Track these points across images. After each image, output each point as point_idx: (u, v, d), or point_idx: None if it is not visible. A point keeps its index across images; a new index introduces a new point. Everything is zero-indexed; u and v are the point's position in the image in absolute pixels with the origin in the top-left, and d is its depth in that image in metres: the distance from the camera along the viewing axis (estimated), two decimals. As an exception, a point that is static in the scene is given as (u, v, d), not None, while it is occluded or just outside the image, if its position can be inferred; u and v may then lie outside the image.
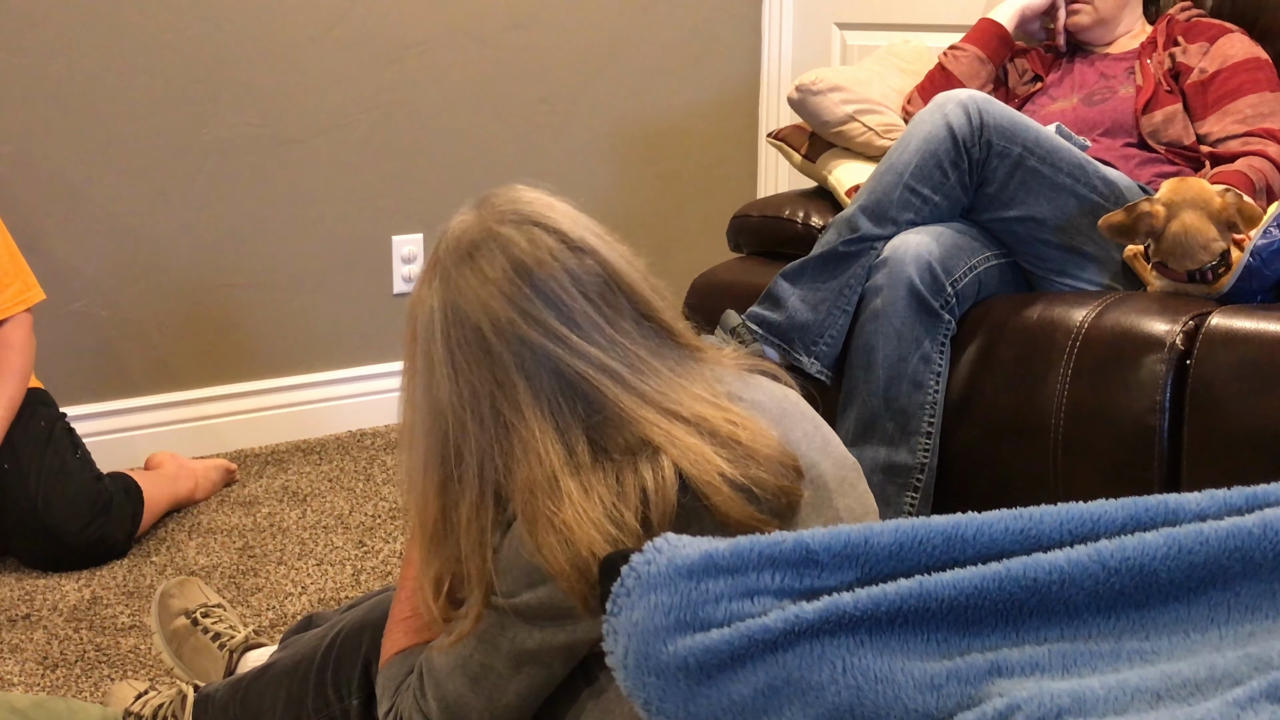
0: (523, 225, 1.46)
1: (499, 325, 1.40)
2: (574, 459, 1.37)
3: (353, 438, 3.53)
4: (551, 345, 1.39)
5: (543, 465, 1.37)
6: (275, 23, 3.32)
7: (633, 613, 1.07)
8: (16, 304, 2.81)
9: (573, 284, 1.44)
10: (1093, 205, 2.39)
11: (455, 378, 1.41)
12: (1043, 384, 2.21)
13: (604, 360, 1.41)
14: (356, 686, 1.72)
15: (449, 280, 1.43)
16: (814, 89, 2.99)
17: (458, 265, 1.43)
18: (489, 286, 1.41)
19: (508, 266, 1.42)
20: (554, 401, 1.39)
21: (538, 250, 1.44)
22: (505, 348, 1.39)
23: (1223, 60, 2.71)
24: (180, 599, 2.25)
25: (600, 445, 1.39)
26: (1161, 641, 1.02)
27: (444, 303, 1.42)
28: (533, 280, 1.42)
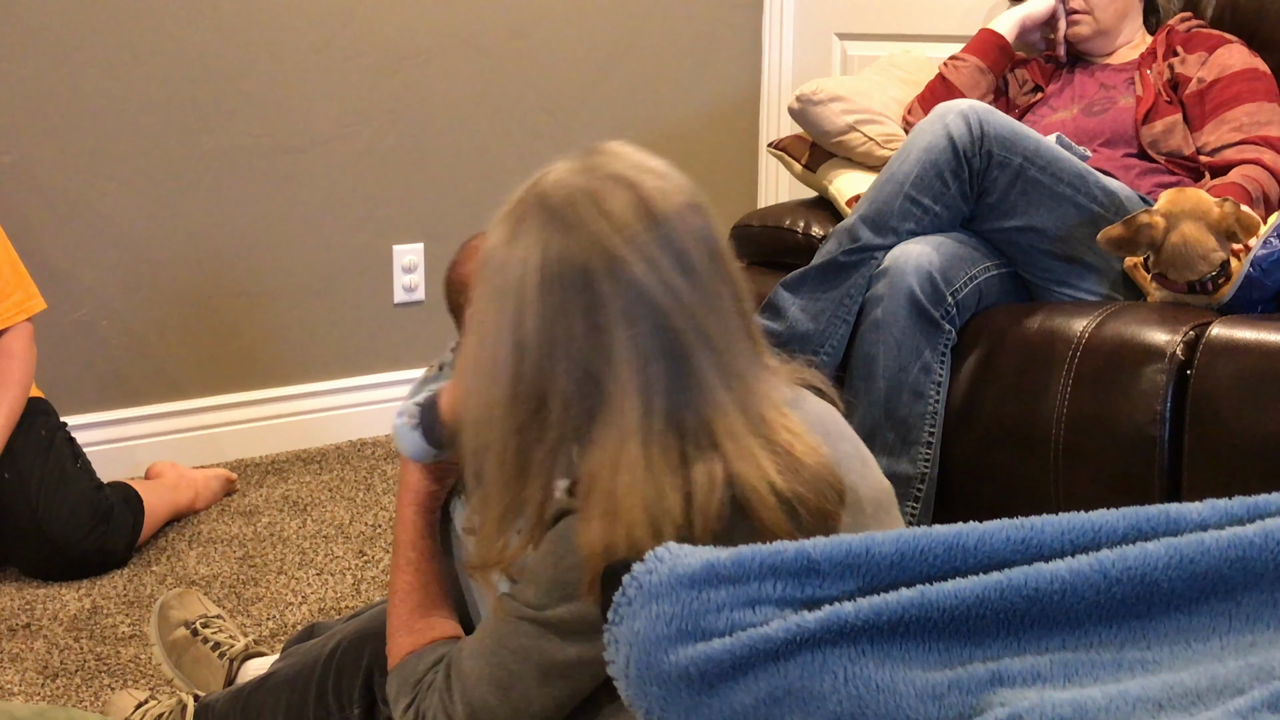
0: (645, 171, 1.39)
1: (613, 265, 1.31)
2: (648, 423, 1.30)
3: (353, 447, 3.53)
4: (661, 297, 1.31)
5: (618, 423, 1.31)
6: (277, 32, 3.32)
7: (634, 622, 1.07)
8: (18, 313, 2.81)
9: (693, 239, 1.35)
10: (1093, 215, 2.39)
11: (549, 320, 1.32)
12: (1043, 394, 2.21)
13: (706, 328, 1.33)
14: (358, 696, 1.72)
15: (555, 218, 1.34)
16: (814, 99, 2.99)
17: (569, 204, 1.35)
18: (605, 223, 1.32)
19: (634, 203, 1.34)
20: (647, 359, 1.31)
21: (666, 195, 1.36)
22: (613, 290, 1.31)
23: (1220, 70, 2.71)
24: (180, 610, 2.25)
25: (674, 418, 1.32)
26: (1163, 651, 1.02)
27: (545, 241, 1.33)
28: (658, 222, 1.33)
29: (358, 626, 1.78)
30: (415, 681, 1.53)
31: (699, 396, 1.33)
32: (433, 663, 1.53)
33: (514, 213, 1.38)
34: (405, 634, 1.59)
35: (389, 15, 3.46)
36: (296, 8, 3.33)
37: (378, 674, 1.71)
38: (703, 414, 1.33)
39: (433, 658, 1.54)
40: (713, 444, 1.32)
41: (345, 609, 2.57)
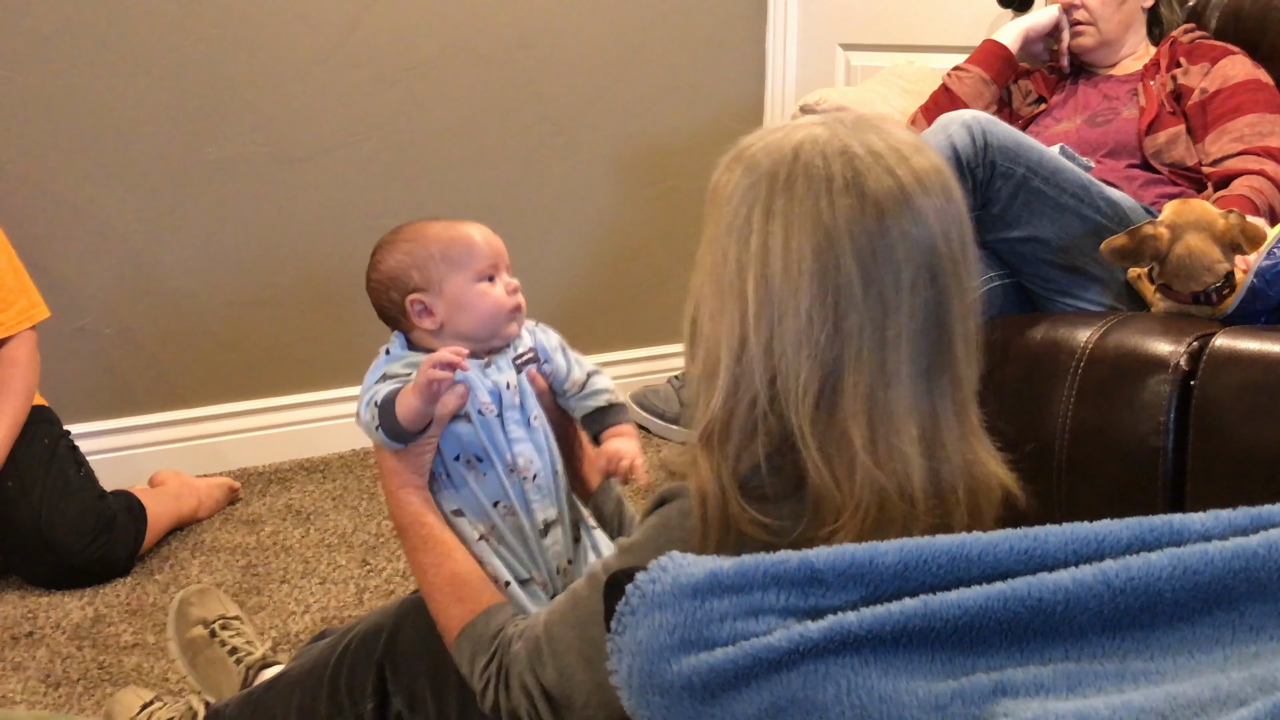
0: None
1: (946, 239, 1.31)
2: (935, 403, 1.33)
3: (356, 456, 3.53)
4: (953, 287, 1.33)
5: (887, 389, 1.30)
6: (280, 43, 3.33)
7: (637, 631, 1.07)
8: (21, 322, 2.82)
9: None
10: (1096, 226, 2.39)
11: (864, 288, 1.29)
12: (1047, 405, 2.21)
13: (970, 323, 1.36)
14: (371, 690, 1.71)
15: (871, 174, 1.30)
16: (818, 109, 3.00)
17: (886, 169, 1.30)
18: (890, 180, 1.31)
19: (956, 202, 1.34)
20: (919, 337, 1.31)
21: (959, 195, 1.36)
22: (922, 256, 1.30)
23: (1223, 81, 2.72)
24: (200, 608, 2.24)
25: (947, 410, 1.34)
26: (1166, 662, 1.02)
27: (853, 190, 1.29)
28: (961, 217, 1.35)
29: (372, 620, 1.77)
30: (490, 639, 1.51)
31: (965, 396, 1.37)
32: (501, 623, 1.53)
33: (782, 178, 1.33)
34: (454, 604, 1.58)
35: (393, 25, 3.47)
36: (300, 18, 3.34)
37: (389, 667, 1.70)
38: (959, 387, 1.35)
39: (500, 618, 1.53)
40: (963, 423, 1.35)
41: (348, 618, 2.57)
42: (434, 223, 1.77)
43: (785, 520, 1.30)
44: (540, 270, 3.77)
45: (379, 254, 1.78)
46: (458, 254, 1.71)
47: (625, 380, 3.91)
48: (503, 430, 1.69)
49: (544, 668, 1.43)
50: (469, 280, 1.70)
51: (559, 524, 1.72)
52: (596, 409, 1.78)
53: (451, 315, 1.70)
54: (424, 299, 1.71)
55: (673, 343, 3.88)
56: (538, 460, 1.71)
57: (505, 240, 1.60)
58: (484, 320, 1.71)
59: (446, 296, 1.70)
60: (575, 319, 3.87)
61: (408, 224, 1.79)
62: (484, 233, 1.76)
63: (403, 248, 1.74)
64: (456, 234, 1.74)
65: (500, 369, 1.71)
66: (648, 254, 4.00)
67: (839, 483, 1.29)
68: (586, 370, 1.79)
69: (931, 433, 1.33)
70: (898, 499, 1.29)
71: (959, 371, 1.35)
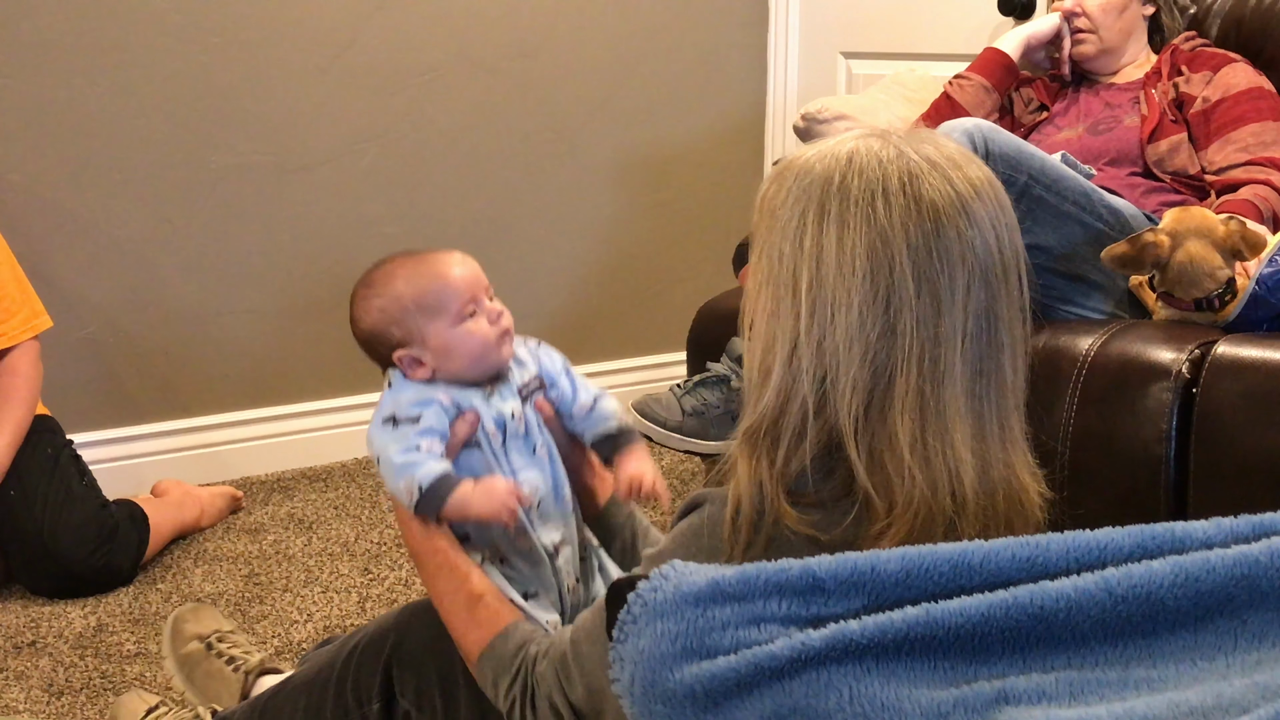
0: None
1: (1000, 239, 1.34)
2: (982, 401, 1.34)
3: (359, 465, 3.53)
4: (1003, 295, 1.35)
5: (939, 393, 1.32)
6: (282, 51, 3.33)
7: (639, 640, 1.07)
8: (24, 331, 2.82)
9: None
10: (1098, 234, 2.39)
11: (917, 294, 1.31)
12: (1049, 412, 2.21)
13: (1018, 332, 1.38)
14: (377, 691, 1.71)
15: (924, 181, 1.32)
16: (820, 117, 3.00)
17: (943, 177, 1.33)
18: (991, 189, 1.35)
19: (1009, 211, 1.37)
20: (971, 343, 1.33)
21: (1009, 205, 1.38)
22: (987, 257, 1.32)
23: (1225, 89, 2.72)
24: (194, 624, 2.25)
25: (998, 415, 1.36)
26: (1169, 670, 1.02)
27: (913, 200, 1.31)
28: (1013, 226, 1.37)
29: (378, 624, 1.77)
30: (511, 658, 1.51)
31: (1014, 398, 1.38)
32: (521, 641, 1.52)
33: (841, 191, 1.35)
34: (473, 629, 1.57)
35: (394, 34, 3.47)
36: (302, 27, 3.34)
37: (396, 668, 1.70)
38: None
39: (519, 637, 1.53)
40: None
41: (351, 627, 2.57)
42: (400, 267, 1.71)
43: (830, 526, 1.31)
44: (542, 278, 3.78)
45: (355, 310, 1.74)
46: (432, 301, 1.66)
47: (627, 388, 3.91)
48: (506, 459, 1.68)
49: (573, 686, 1.42)
50: (449, 325, 1.66)
51: (568, 545, 1.72)
52: (606, 434, 1.76)
53: (441, 363, 1.67)
54: (410, 353, 1.68)
55: (674, 351, 3.88)
56: (542, 488, 1.69)
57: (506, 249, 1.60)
58: (474, 360, 1.67)
59: (431, 347, 1.67)
60: (577, 327, 3.87)
61: (377, 269, 1.73)
62: (455, 265, 1.70)
63: (375, 304, 1.70)
64: (425, 281, 1.68)
65: (504, 397, 1.69)
66: (649, 262, 4.00)
67: (889, 482, 1.30)
68: (593, 394, 1.77)
69: (978, 436, 1.34)
70: (948, 499, 1.31)
71: (1005, 379, 1.37)
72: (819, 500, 1.32)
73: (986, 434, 1.35)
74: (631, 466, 1.72)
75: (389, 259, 1.73)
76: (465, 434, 1.65)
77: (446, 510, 1.59)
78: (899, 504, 1.29)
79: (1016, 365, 1.38)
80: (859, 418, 1.31)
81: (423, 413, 1.64)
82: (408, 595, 2.71)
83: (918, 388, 1.30)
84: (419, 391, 1.67)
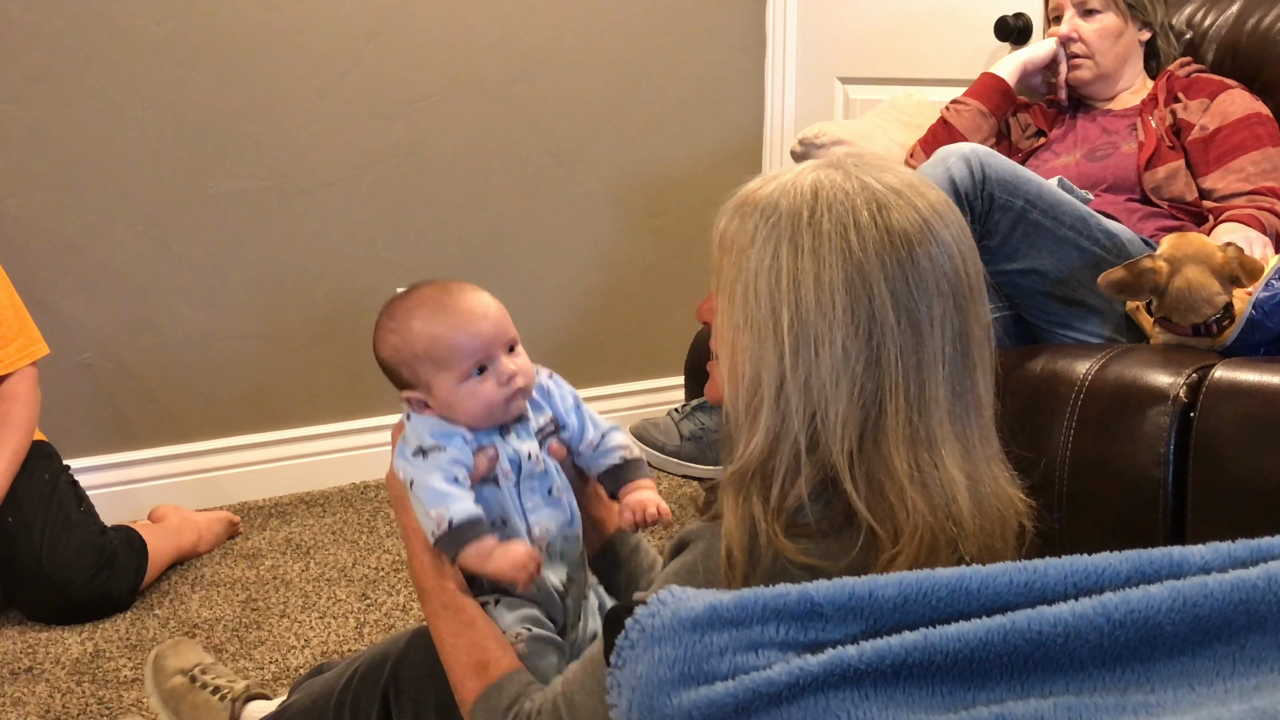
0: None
1: (961, 258, 1.36)
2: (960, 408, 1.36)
3: (356, 490, 3.52)
4: (972, 312, 1.38)
5: (931, 414, 1.33)
6: (281, 77, 3.34)
7: (637, 665, 1.07)
8: (21, 358, 2.82)
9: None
10: (1095, 258, 2.39)
11: (893, 309, 1.32)
12: (1046, 437, 2.21)
13: (986, 349, 1.40)
14: (375, 717, 1.70)
15: (881, 207, 1.33)
16: (817, 142, 3.00)
17: (908, 204, 1.34)
18: (946, 211, 1.37)
19: (967, 233, 1.39)
20: (951, 363, 1.35)
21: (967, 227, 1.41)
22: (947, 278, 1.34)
23: (1223, 117, 2.72)
24: (175, 659, 2.24)
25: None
26: (1166, 695, 1.02)
27: (871, 226, 1.32)
28: (974, 248, 1.40)
29: (378, 650, 1.76)
30: (503, 712, 1.50)
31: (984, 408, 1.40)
32: (515, 694, 1.51)
33: (792, 217, 1.36)
34: (471, 676, 1.56)
35: (393, 60, 3.48)
36: (302, 53, 3.35)
37: (394, 693, 1.69)
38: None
39: (513, 689, 1.52)
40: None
41: (348, 652, 2.56)
42: (422, 306, 1.68)
43: (835, 555, 1.30)
44: (540, 302, 3.78)
45: (376, 336, 1.71)
46: (441, 355, 1.63)
47: (624, 413, 3.91)
48: (519, 499, 1.67)
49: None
50: (455, 381, 1.63)
51: (575, 584, 1.72)
52: (612, 466, 1.74)
53: (444, 411, 1.65)
54: (417, 396, 1.66)
55: (672, 375, 3.88)
56: (554, 530, 1.68)
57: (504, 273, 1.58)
58: (475, 418, 1.65)
59: (436, 396, 1.64)
60: (575, 351, 3.87)
61: (402, 301, 1.70)
62: (475, 319, 1.66)
63: (390, 341, 1.68)
64: (439, 329, 1.64)
65: (521, 438, 1.68)
66: (647, 286, 4.01)
67: (892, 512, 1.30)
68: (601, 430, 1.75)
69: (965, 455, 1.35)
70: (947, 523, 1.31)
71: (980, 396, 1.39)
72: (820, 531, 1.32)
73: (972, 452, 1.36)
74: (636, 495, 1.71)
75: (417, 291, 1.70)
76: (485, 469, 1.64)
77: (465, 555, 1.58)
78: (904, 532, 1.29)
79: (988, 383, 1.40)
80: (853, 452, 1.31)
81: (448, 445, 1.63)
82: (405, 620, 2.71)
83: (907, 417, 1.31)
84: (438, 422, 1.66)
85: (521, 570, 1.57)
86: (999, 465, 1.41)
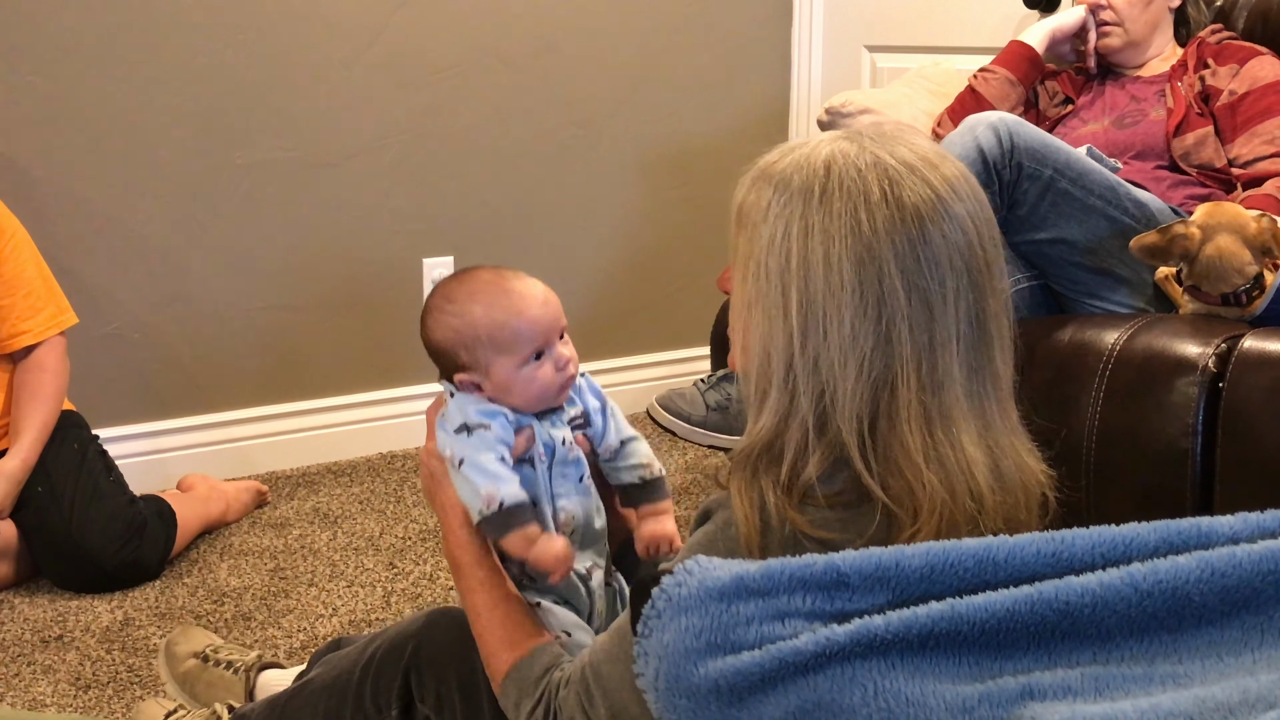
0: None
1: (976, 234, 1.34)
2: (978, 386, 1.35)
3: (383, 459, 3.54)
4: (987, 287, 1.35)
5: (948, 389, 1.32)
6: (307, 48, 3.34)
7: (663, 635, 1.07)
8: (50, 328, 2.83)
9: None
10: (1124, 227, 2.38)
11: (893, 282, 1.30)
12: (1074, 407, 2.20)
13: (1003, 321, 1.38)
14: (396, 696, 1.71)
15: (893, 181, 1.32)
16: (844, 111, 2.99)
17: (922, 180, 1.33)
18: (964, 184, 1.35)
19: (985, 205, 1.37)
20: (964, 338, 1.33)
21: (985, 199, 1.39)
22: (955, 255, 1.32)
23: (1252, 82, 2.70)
24: (185, 644, 2.26)
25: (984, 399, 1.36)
26: (1194, 665, 1.02)
27: (883, 199, 1.31)
28: (991, 219, 1.37)
29: (398, 629, 1.77)
30: (535, 682, 1.51)
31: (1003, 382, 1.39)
32: (546, 665, 1.52)
33: (806, 189, 1.35)
34: (505, 649, 1.57)
35: (418, 30, 3.48)
36: (326, 23, 3.35)
37: (415, 673, 1.70)
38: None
39: (545, 660, 1.53)
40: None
41: (375, 621, 2.58)
42: (483, 291, 1.68)
43: (851, 529, 1.30)
44: (566, 274, 3.78)
45: (429, 319, 1.70)
46: (505, 338, 1.64)
47: (650, 383, 3.91)
48: (550, 483, 1.68)
49: (595, 708, 1.41)
50: (515, 365, 1.65)
51: (598, 569, 1.73)
52: (632, 484, 1.75)
53: (498, 395, 1.66)
54: (472, 379, 1.67)
55: (698, 345, 3.88)
56: (579, 516, 1.70)
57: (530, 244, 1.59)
58: (531, 401, 1.67)
59: (493, 379, 1.66)
60: (601, 322, 3.87)
61: (459, 284, 1.69)
62: (536, 304, 1.67)
63: (450, 324, 1.67)
64: (503, 315, 1.65)
65: (555, 425, 1.70)
66: (673, 257, 4.00)
67: (908, 491, 1.30)
68: (622, 436, 1.76)
69: (985, 431, 1.35)
70: (967, 499, 1.30)
71: (998, 370, 1.37)
72: (833, 505, 1.31)
73: (991, 427, 1.36)
74: (653, 526, 1.72)
75: (473, 274, 1.70)
76: (523, 448, 1.65)
77: (509, 539, 1.58)
78: (923, 511, 1.29)
79: (1006, 356, 1.39)
80: (864, 433, 1.31)
81: (492, 423, 1.64)
82: (432, 590, 2.72)
83: (919, 396, 1.31)
84: (482, 401, 1.67)
85: (561, 564, 1.58)
86: (1019, 437, 1.40)
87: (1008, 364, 1.39)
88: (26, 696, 2.34)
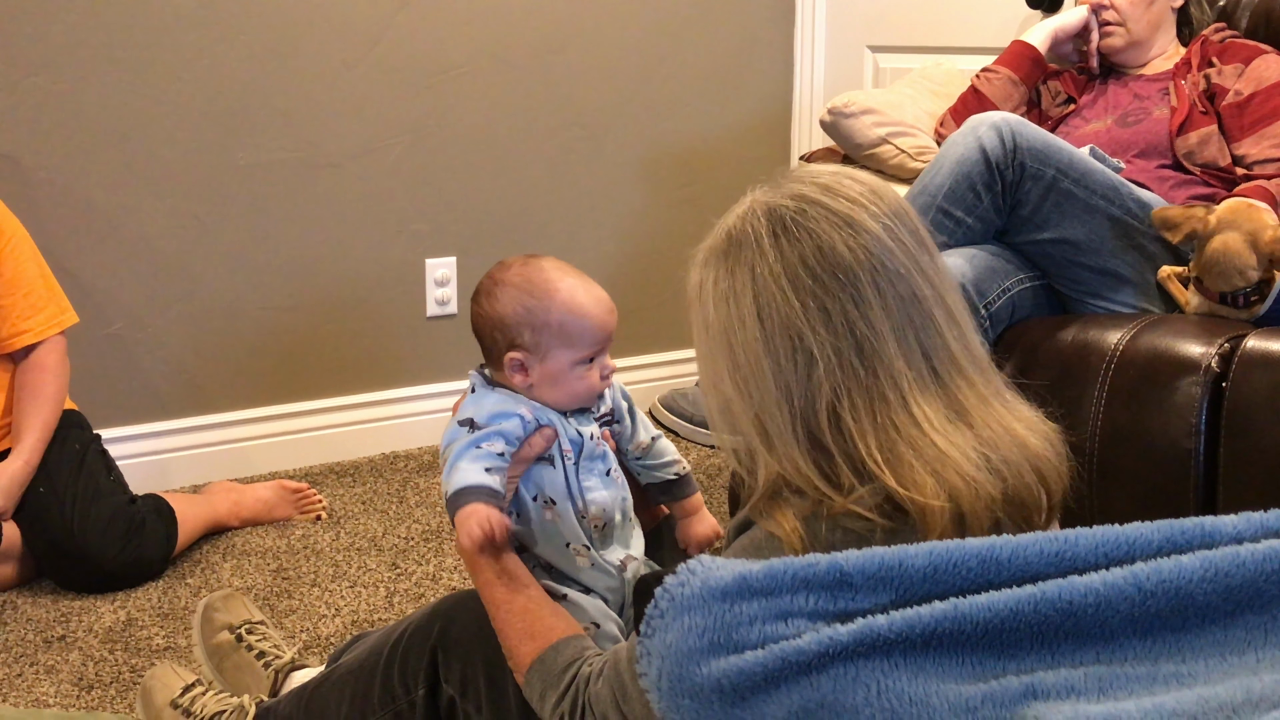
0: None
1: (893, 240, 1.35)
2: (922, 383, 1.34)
3: (386, 460, 3.54)
4: (917, 276, 1.35)
5: (896, 389, 1.32)
6: (309, 49, 3.34)
7: (666, 634, 1.07)
8: (50, 327, 2.83)
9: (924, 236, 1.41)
10: (1127, 227, 2.38)
11: (814, 309, 1.32)
12: (1078, 407, 2.20)
13: (948, 298, 1.39)
14: (423, 677, 1.71)
15: (807, 215, 1.35)
16: (846, 112, 2.99)
17: (813, 203, 1.36)
18: (863, 210, 1.36)
19: (894, 204, 1.38)
20: (905, 332, 1.34)
21: (898, 199, 1.40)
22: (871, 266, 1.34)
23: (1258, 82, 2.70)
24: (224, 613, 2.25)
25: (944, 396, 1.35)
26: (1198, 665, 1.01)
27: (797, 236, 1.35)
28: (902, 213, 1.38)
29: (425, 611, 1.77)
30: (561, 674, 1.51)
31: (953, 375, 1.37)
32: (572, 658, 1.52)
33: (729, 236, 1.42)
34: (527, 640, 1.57)
35: (421, 31, 3.47)
36: (329, 25, 3.35)
37: (442, 653, 1.70)
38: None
39: (569, 652, 1.53)
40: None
41: (378, 621, 2.58)
42: (563, 278, 1.71)
43: (903, 525, 1.31)
44: (569, 274, 3.77)
45: (497, 289, 1.72)
46: (573, 332, 1.68)
47: (653, 384, 3.91)
48: (578, 478, 1.70)
49: (629, 704, 1.41)
50: (571, 361, 1.68)
51: (634, 560, 1.75)
52: (664, 480, 1.82)
53: (543, 384, 1.69)
54: (524, 359, 1.68)
55: (701, 346, 3.87)
56: (609, 509, 1.72)
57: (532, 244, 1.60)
58: (572, 400, 1.71)
59: (546, 368, 1.68)
60: (604, 322, 3.87)
61: (535, 264, 1.72)
62: (605, 310, 1.71)
63: (523, 300, 1.69)
64: (581, 308, 1.68)
65: (582, 422, 1.73)
66: (676, 257, 3.98)
67: (909, 499, 1.29)
68: (650, 434, 1.82)
69: (962, 416, 1.34)
70: (969, 496, 1.30)
71: (953, 351, 1.37)
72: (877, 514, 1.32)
73: (963, 409, 1.35)
74: (697, 527, 1.80)
75: (551, 264, 1.73)
76: (541, 448, 1.67)
77: (457, 517, 1.61)
78: (929, 511, 1.29)
79: (961, 329, 1.39)
80: (821, 461, 1.33)
81: (502, 423, 1.65)
82: (435, 590, 2.72)
83: (868, 410, 1.32)
84: (502, 402, 1.69)
85: (466, 535, 1.58)
86: (1004, 403, 1.40)
87: (963, 338, 1.39)
88: (29, 697, 2.33)
